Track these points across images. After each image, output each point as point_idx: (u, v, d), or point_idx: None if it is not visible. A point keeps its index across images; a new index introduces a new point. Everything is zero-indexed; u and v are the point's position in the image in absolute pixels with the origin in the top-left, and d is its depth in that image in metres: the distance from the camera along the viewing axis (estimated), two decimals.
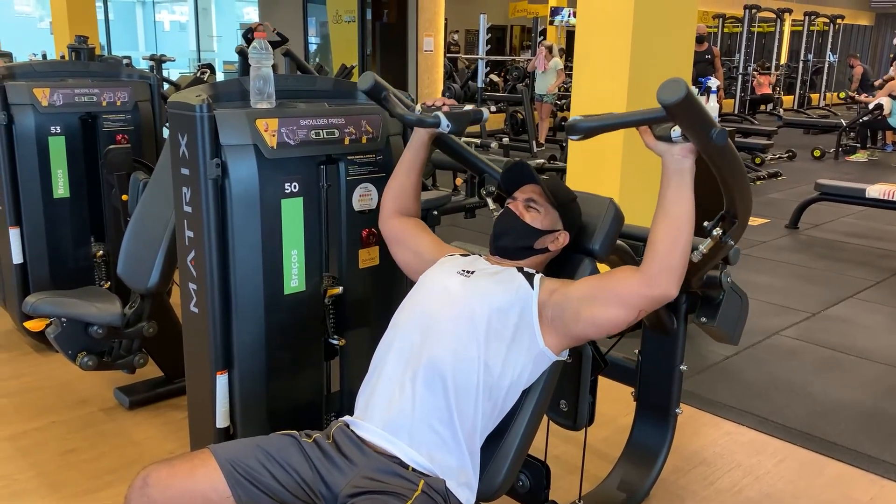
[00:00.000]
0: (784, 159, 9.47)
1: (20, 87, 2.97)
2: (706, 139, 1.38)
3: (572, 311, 1.55)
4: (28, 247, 3.08)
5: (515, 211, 1.71)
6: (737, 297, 2.08)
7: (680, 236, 1.47)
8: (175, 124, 1.85)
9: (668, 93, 1.28)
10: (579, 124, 1.47)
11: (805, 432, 2.70)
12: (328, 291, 2.05)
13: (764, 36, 18.40)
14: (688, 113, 1.33)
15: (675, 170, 1.47)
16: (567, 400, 1.94)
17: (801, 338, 3.62)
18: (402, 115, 1.80)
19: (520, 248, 1.69)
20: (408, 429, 1.51)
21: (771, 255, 5.13)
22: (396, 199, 1.90)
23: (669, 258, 1.47)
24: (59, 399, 2.82)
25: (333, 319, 2.07)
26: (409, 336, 1.59)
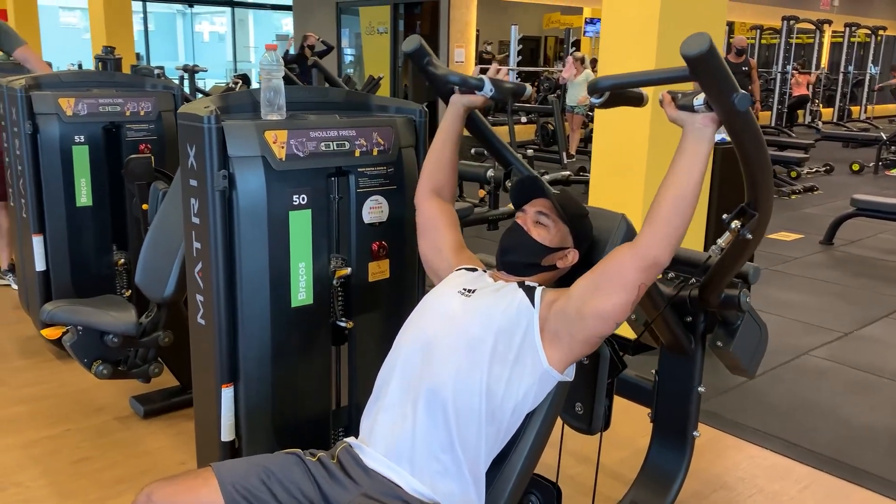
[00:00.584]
0: (821, 173, 9.27)
1: (46, 96, 3.01)
2: (728, 103, 1.34)
3: (575, 312, 1.49)
4: (51, 254, 3.11)
5: (523, 225, 1.67)
6: (756, 326, 2.01)
7: (682, 206, 1.42)
8: (184, 135, 1.84)
9: (692, 45, 1.25)
10: (600, 82, 1.44)
11: (832, 458, 2.60)
12: (337, 272, 2.01)
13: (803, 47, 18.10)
14: (710, 69, 1.30)
15: (693, 138, 1.43)
16: (583, 403, 1.88)
17: (832, 358, 3.50)
18: (445, 75, 1.78)
19: (526, 264, 1.65)
20: (409, 457, 1.48)
21: (803, 272, 5.00)
22: (432, 176, 1.87)
23: (667, 227, 1.42)
24: (75, 407, 2.84)
25: (342, 300, 2.05)
26: (410, 361, 1.56)
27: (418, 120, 2.16)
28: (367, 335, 2.07)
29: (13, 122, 3.05)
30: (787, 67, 13.84)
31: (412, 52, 1.84)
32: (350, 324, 2.05)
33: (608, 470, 2.50)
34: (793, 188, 7.85)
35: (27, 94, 2.97)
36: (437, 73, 1.82)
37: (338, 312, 2.04)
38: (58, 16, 18.85)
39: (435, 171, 1.87)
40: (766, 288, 4.56)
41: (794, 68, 13.97)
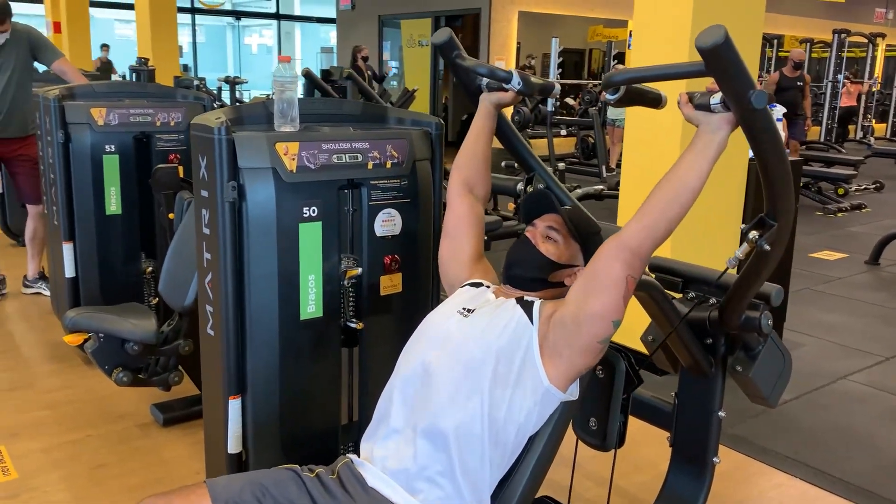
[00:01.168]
0: (870, 190, 8.99)
1: (78, 106, 3.07)
2: (745, 100, 1.29)
3: (572, 319, 1.44)
4: (80, 261, 3.16)
5: (532, 239, 1.63)
6: (779, 353, 1.93)
7: (674, 203, 1.38)
8: (196, 146, 1.85)
9: (707, 37, 1.22)
10: (614, 77, 1.40)
11: (866, 489, 2.48)
12: (348, 273, 1.99)
13: (856, 61, 17.67)
14: (726, 62, 1.25)
15: (706, 137, 1.38)
16: (597, 418, 1.83)
17: (871, 384, 3.36)
18: (474, 67, 1.78)
19: (532, 279, 1.61)
20: (408, 481, 1.45)
21: (846, 293, 4.83)
22: (463, 169, 1.84)
23: (654, 218, 1.39)
24: (97, 413, 2.87)
25: (353, 301, 2.02)
26: (409, 385, 1.53)
27: (434, 133, 2.14)
28: (379, 348, 2.05)
29: (47, 130, 3.12)
30: (839, 77, 13.50)
31: (442, 45, 1.84)
32: (360, 325, 2.02)
33: (628, 494, 2.43)
34: (839, 205, 7.62)
35: (60, 104, 3.04)
36: (465, 65, 1.82)
37: (349, 313, 2.02)
38: (113, 28, 19.39)
39: (467, 165, 1.84)
40: (806, 308, 4.42)
41: (846, 77, 13.62)
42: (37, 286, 4.25)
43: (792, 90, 8.84)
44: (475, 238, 1.81)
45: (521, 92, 1.79)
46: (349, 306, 2.02)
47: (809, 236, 6.38)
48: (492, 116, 1.85)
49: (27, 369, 3.29)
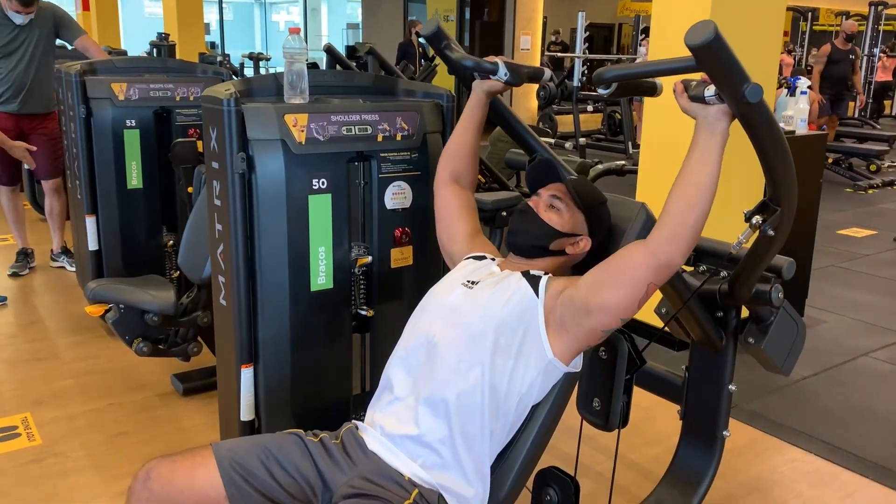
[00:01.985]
0: None
1: (99, 81, 3.11)
2: (739, 95, 1.27)
3: (582, 303, 1.45)
4: (103, 235, 3.22)
5: (535, 208, 1.62)
6: (792, 322, 1.91)
7: (696, 203, 1.36)
8: (206, 118, 1.87)
9: (696, 35, 1.19)
10: (606, 73, 1.38)
11: (882, 465, 2.46)
12: (358, 260, 2.01)
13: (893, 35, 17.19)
14: (716, 58, 1.23)
15: (706, 132, 1.36)
16: (600, 398, 1.83)
17: (893, 361, 3.32)
18: (460, 60, 1.76)
19: (533, 246, 1.61)
20: (408, 447, 1.47)
21: (872, 270, 4.75)
22: (451, 162, 1.85)
23: (680, 225, 1.36)
24: (120, 382, 2.93)
25: (364, 289, 2.04)
26: (414, 356, 1.55)
27: (445, 105, 2.13)
28: (390, 320, 2.06)
29: (69, 105, 3.16)
30: (875, 50, 13.15)
31: (430, 36, 1.81)
32: (371, 312, 2.04)
33: (640, 467, 2.44)
34: (870, 182, 7.47)
35: (82, 79, 3.08)
36: (452, 56, 1.79)
37: (359, 300, 2.04)
38: (143, 6, 19.50)
39: (454, 157, 1.85)
40: (830, 285, 4.36)
41: (881, 51, 13.26)
42: (60, 261, 4.33)
43: (843, 63, 8.57)
44: (467, 217, 1.82)
45: (509, 83, 1.77)
46: (360, 294, 2.04)
47: (838, 213, 6.27)
48: (483, 104, 1.84)
49: (52, 340, 3.37)
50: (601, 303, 1.43)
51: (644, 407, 2.50)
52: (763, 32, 3.21)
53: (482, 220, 2.81)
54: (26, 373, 3.03)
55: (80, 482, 2.28)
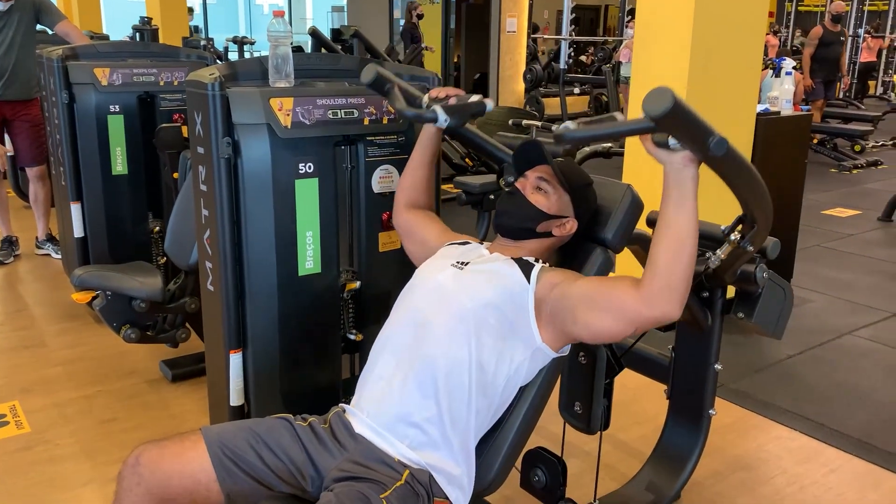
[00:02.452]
0: (889, 147, 8.85)
1: (82, 66, 3.08)
2: (704, 150, 1.26)
3: (570, 310, 1.46)
4: (88, 221, 3.20)
5: (522, 190, 1.63)
6: (779, 289, 1.93)
7: (681, 253, 1.33)
8: (191, 103, 1.86)
9: (654, 104, 1.15)
10: (566, 134, 1.36)
11: (864, 441, 2.50)
12: (347, 286, 2.02)
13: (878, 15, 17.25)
14: (678, 123, 1.21)
15: (675, 179, 1.33)
16: (581, 402, 1.86)
17: (876, 339, 3.36)
18: (400, 110, 1.71)
19: (520, 228, 1.62)
20: (395, 427, 1.48)
21: (857, 250, 4.80)
22: (408, 193, 1.86)
23: (670, 276, 1.33)
24: (109, 369, 2.93)
25: (353, 314, 2.05)
26: (402, 335, 1.55)
27: (431, 87, 2.12)
28: (379, 304, 2.07)
29: (52, 91, 3.13)
30: (859, 31, 13.21)
31: (370, 84, 1.77)
32: (360, 336, 2.05)
33: (627, 446, 2.47)
34: (854, 162, 7.52)
35: (64, 65, 3.04)
36: (394, 105, 1.74)
37: (348, 325, 2.04)
38: None
39: (410, 190, 1.85)
40: (815, 265, 4.40)
41: (866, 31, 13.31)
42: (45, 248, 4.31)
43: (835, 45, 8.46)
44: (433, 224, 1.82)
45: (451, 127, 1.72)
46: (349, 318, 2.04)
47: (822, 193, 6.31)
48: (434, 140, 1.83)
49: (40, 328, 3.36)
50: (587, 321, 1.43)
51: (631, 387, 2.53)
52: (748, 13, 3.21)
53: (469, 203, 2.82)
54: (13, 361, 3.02)
55: (69, 469, 2.29)
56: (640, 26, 3.28)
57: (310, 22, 20.10)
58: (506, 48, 11.22)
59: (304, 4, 20.90)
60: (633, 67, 3.36)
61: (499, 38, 11.16)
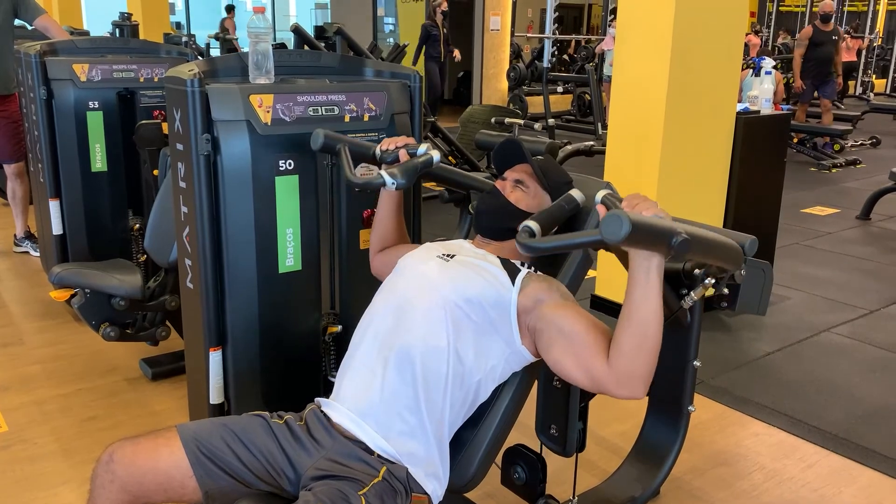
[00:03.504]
0: (867, 146, 8.95)
1: (60, 62, 3.05)
2: (669, 251, 1.26)
3: (547, 338, 1.46)
4: (67, 219, 3.17)
5: (501, 190, 1.63)
6: (758, 271, 1.94)
7: (645, 342, 1.33)
8: (170, 99, 1.85)
9: (612, 232, 1.15)
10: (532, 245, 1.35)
11: (841, 437, 2.53)
12: (328, 329, 2.02)
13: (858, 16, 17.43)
14: (639, 241, 1.22)
15: (641, 268, 1.30)
16: (557, 425, 1.86)
17: (854, 336, 3.40)
18: (349, 179, 1.71)
19: (501, 228, 1.62)
20: (375, 415, 1.47)
21: (835, 248, 4.85)
22: (381, 245, 1.87)
23: (634, 364, 1.34)
24: (88, 367, 2.91)
25: (334, 357, 2.04)
26: (383, 321, 1.55)
27: (413, 85, 2.13)
28: (359, 303, 2.06)
29: (29, 87, 3.10)
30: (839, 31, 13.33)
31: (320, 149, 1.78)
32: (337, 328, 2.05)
33: (607, 442, 2.48)
34: (834, 161, 7.59)
35: (42, 60, 3.01)
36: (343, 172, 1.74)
37: (330, 368, 2.04)
38: None
39: (383, 241, 1.86)
40: (794, 263, 4.44)
41: (846, 32, 13.44)
42: (23, 245, 4.26)
43: (827, 44, 8.42)
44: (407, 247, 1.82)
45: (401, 187, 1.72)
46: (330, 362, 2.03)
47: (802, 192, 6.37)
48: (394, 198, 1.83)
49: (18, 326, 3.32)
50: (557, 359, 1.44)
51: None
52: (728, 13, 3.24)
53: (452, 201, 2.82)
54: None
55: (48, 468, 2.27)
56: (621, 25, 3.30)
57: (293, 19, 20.03)
58: (489, 46, 11.23)
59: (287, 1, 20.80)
60: (615, 67, 3.37)
61: (482, 36, 11.17)
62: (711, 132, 3.35)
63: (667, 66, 3.08)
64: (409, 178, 1.71)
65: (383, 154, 1.77)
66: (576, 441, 1.84)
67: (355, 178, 1.72)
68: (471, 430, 1.56)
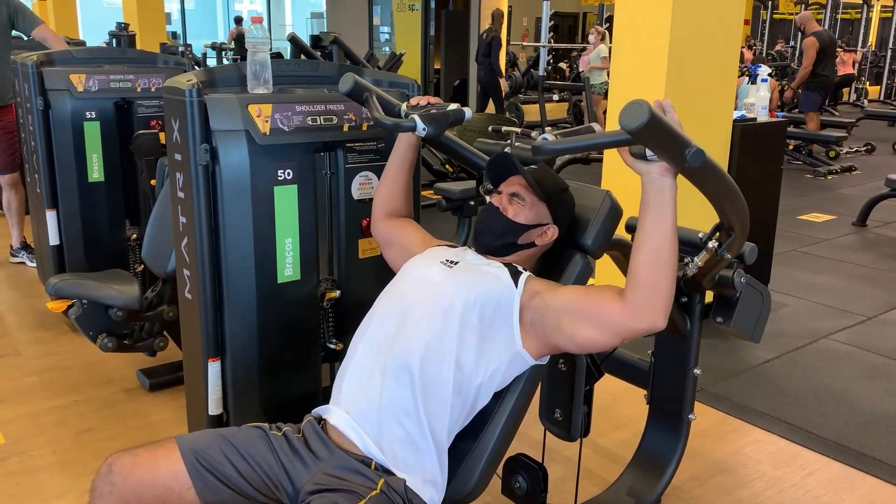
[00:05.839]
0: (862, 153, 8.98)
1: (57, 72, 3.04)
2: (681, 161, 1.27)
3: (553, 320, 1.46)
4: (64, 229, 3.16)
5: (498, 206, 1.63)
6: (756, 293, 1.95)
7: (662, 264, 1.34)
8: (168, 109, 1.84)
9: (630, 118, 1.16)
10: (544, 146, 1.36)
11: (841, 444, 2.53)
12: (326, 294, 2.02)
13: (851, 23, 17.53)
14: (654, 136, 1.22)
15: (654, 190, 1.34)
16: (561, 410, 1.86)
17: (852, 343, 3.40)
18: (378, 119, 1.70)
19: (503, 244, 1.61)
20: (374, 420, 1.46)
21: (832, 254, 4.86)
22: (386, 202, 1.85)
23: (653, 290, 1.34)
24: (85, 378, 2.89)
25: (332, 323, 2.04)
26: (384, 325, 1.54)
27: (411, 94, 2.13)
28: (358, 312, 2.05)
29: (26, 97, 3.09)
30: None
31: (348, 93, 1.76)
32: (340, 345, 2.05)
33: (608, 451, 2.47)
34: (829, 168, 7.62)
35: (39, 71, 3.01)
36: (372, 114, 1.72)
37: (328, 334, 2.04)
38: None
39: (389, 198, 1.85)
40: (791, 270, 4.45)
41: (838, 46, 13.50)
42: (20, 256, 4.25)
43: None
44: (414, 228, 1.82)
45: (430, 136, 1.71)
46: (329, 327, 2.03)
47: (798, 199, 6.39)
48: (413, 147, 1.82)
49: (14, 337, 3.30)
50: (571, 333, 1.44)
51: (611, 392, 2.54)
52: (724, 21, 3.25)
53: (449, 209, 2.82)
54: None
55: (45, 480, 2.25)
56: (618, 34, 3.31)
57: (289, 28, 20.07)
58: None
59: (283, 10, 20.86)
60: (612, 75, 3.38)
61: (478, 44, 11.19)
62: (708, 139, 3.35)
63: (663, 73, 3.09)
64: (438, 126, 1.69)
65: (410, 110, 1.74)
66: (580, 425, 1.83)
67: (385, 118, 1.69)
68: (472, 441, 1.55)
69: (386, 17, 13.12)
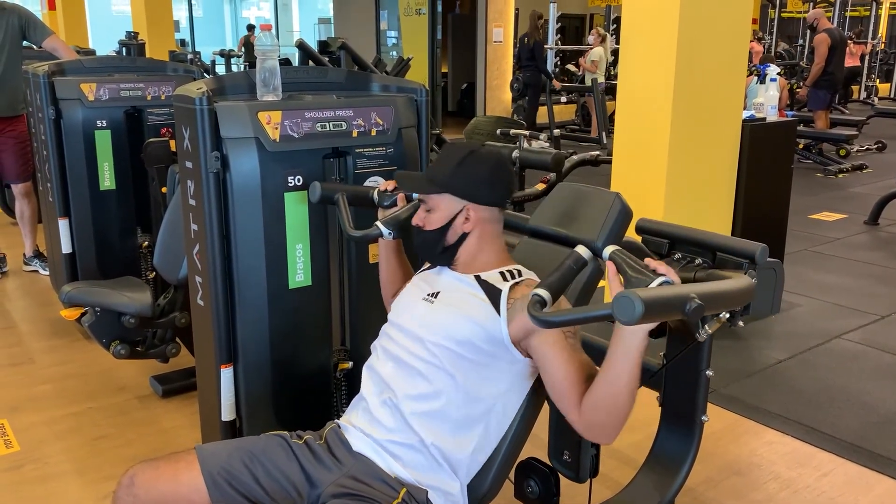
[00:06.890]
0: (872, 151, 8.94)
1: (68, 82, 3.07)
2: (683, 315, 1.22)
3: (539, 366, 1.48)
4: (76, 237, 3.18)
5: (418, 224, 1.61)
6: (769, 272, 1.93)
7: (620, 408, 1.36)
8: (179, 118, 1.85)
9: (624, 314, 1.12)
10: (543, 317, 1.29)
11: (855, 445, 2.51)
12: (339, 366, 2.02)
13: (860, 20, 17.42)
14: (652, 318, 1.19)
15: (625, 341, 1.30)
16: (570, 452, 1.85)
17: (865, 342, 3.38)
18: (348, 234, 1.76)
19: (440, 254, 1.60)
20: (388, 447, 1.48)
21: (844, 253, 4.83)
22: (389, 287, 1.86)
23: (607, 419, 1.38)
24: (98, 386, 2.91)
25: (345, 394, 2.04)
26: (384, 366, 1.56)
27: (420, 99, 2.13)
28: (370, 316, 2.06)
29: (38, 107, 3.12)
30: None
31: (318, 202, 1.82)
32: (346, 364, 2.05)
33: (620, 454, 2.47)
34: (840, 167, 7.58)
35: (50, 80, 3.04)
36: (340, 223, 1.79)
37: (341, 405, 2.04)
38: (110, 4, 19.24)
39: (391, 284, 1.85)
40: (803, 269, 4.43)
41: (848, 37, 13.44)
42: (33, 265, 4.28)
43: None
44: None
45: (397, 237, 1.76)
46: (342, 399, 2.04)
47: (809, 198, 6.36)
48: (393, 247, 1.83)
49: (28, 345, 3.33)
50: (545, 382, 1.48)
51: None
52: (732, 20, 3.24)
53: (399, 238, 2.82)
54: (2, 379, 2.99)
55: (60, 488, 2.27)
56: (625, 35, 3.31)
57: (296, 34, 20.14)
58: (493, 58, 11.27)
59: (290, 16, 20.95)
60: (619, 77, 3.38)
61: (485, 48, 11.22)
62: (718, 140, 3.35)
63: (672, 74, 3.08)
64: (401, 228, 1.74)
65: (381, 197, 1.80)
66: (589, 467, 1.83)
67: (352, 231, 1.76)
68: None
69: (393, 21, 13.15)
